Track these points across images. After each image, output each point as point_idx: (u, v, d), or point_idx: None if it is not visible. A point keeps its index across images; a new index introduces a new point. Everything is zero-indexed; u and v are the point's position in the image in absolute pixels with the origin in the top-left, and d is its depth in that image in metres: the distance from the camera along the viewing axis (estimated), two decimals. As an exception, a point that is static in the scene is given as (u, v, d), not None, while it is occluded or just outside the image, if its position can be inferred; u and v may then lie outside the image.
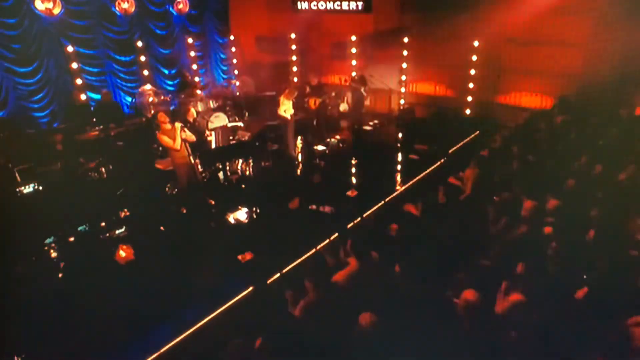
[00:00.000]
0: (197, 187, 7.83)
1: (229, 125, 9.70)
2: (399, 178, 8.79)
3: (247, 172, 9.13)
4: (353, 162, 9.43)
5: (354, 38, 12.56)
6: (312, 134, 10.27)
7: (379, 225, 6.24)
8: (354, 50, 12.69)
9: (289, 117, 9.40)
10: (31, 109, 10.11)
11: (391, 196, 7.95)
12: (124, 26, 11.31)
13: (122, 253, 6.49)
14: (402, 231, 5.42)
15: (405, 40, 11.97)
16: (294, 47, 13.49)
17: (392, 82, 12.30)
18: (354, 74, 11.89)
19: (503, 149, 7.63)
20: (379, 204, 7.55)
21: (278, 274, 5.98)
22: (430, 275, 4.52)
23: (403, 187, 8.26)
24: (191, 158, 7.48)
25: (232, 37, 13.76)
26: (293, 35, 13.37)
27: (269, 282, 5.87)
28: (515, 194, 5.86)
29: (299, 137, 10.01)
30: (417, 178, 8.60)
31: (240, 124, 10.06)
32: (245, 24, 13.61)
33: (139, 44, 11.50)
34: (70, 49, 10.30)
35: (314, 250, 6.43)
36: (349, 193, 8.17)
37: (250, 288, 5.72)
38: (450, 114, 11.59)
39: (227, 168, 9.07)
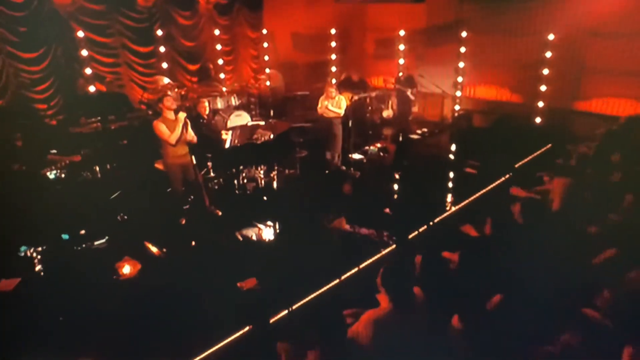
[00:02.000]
0: (197, 193, 6.63)
1: (250, 124, 8.52)
2: (452, 195, 7.36)
3: (268, 181, 7.85)
4: (396, 174, 8.26)
5: (402, 33, 11.46)
6: (346, 140, 8.92)
7: (427, 254, 4.78)
8: (401, 47, 11.57)
9: (335, 115, 8.10)
10: (33, 99, 9.25)
11: (442, 216, 6.43)
12: (144, 13, 10.48)
13: (126, 268, 5.41)
14: (461, 263, 3.88)
15: (464, 34, 10.66)
16: (333, 44, 12.47)
17: (446, 84, 11.00)
18: (400, 74, 10.65)
19: (597, 158, 5.97)
20: (426, 225, 6.06)
21: (286, 311, 4.57)
22: (510, 334, 2.96)
23: (458, 206, 6.75)
24: (188, 158, 6.30)
25: (264, 32, 12.83)
26: (333, 31, 12.38)
27: (272, 321, 4.46)
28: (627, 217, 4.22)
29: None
30: (476, 195, 7.05)
31: (262, 122, 8.85)
32: (280, 18, 12.58)
33: (159, 32, 10.61)
34: (80, 34, 9.48)
35: (337, 281, 5.01)
36: (387, 210, 6.75)
37: (247, 328, 4.34)
38: (515, 122, 10.01)
39: (243, 174, 7.90)
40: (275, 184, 7.85)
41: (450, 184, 8.04)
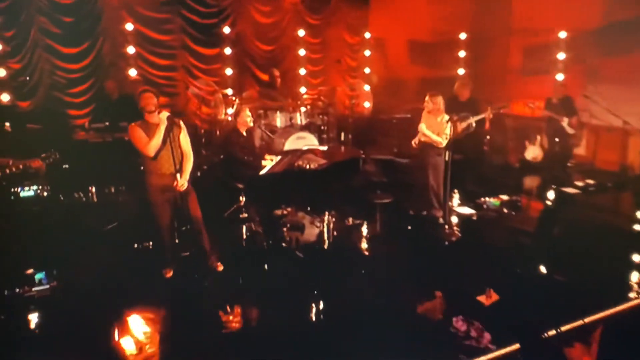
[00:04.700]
0: (193, 234, 5.53)
1: (305, 147, 7.25)
2: (613, 288, 5.14)
3: (323, 234, 6.50)
4: (522, 243, 6.52)
5: (563, 35, 9.98)
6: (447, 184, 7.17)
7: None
8: (561, 56, 10.10)
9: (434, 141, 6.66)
10: (66, 103, 9.23)
11: (591, 318, 4.33)
12: (214, 7, 10.25)
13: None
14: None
15: (665, 35, 8.68)
16: (462, 53, 11.32)
17: (632, 113, 8.92)
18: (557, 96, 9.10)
19: None
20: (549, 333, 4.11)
21: None
22: None
23: (616, 308, 4.55)
24: (178, 177, 5.19)
25: (367, 36, 11.97)
26: (463, 36, 11.25)
27: None
28: None
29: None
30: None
31: (324, 148, 7.54)
32: (393, 19, 11.63)
33: (226, 30, 10.19)
34: (129, 26, 9.32)
35: None
36: (481, 298, 4.85)
37: None
38: None
39: (284, 218, 6.78)
40: (330, 238, 6.34)
41: (618, 270, 5.70)
